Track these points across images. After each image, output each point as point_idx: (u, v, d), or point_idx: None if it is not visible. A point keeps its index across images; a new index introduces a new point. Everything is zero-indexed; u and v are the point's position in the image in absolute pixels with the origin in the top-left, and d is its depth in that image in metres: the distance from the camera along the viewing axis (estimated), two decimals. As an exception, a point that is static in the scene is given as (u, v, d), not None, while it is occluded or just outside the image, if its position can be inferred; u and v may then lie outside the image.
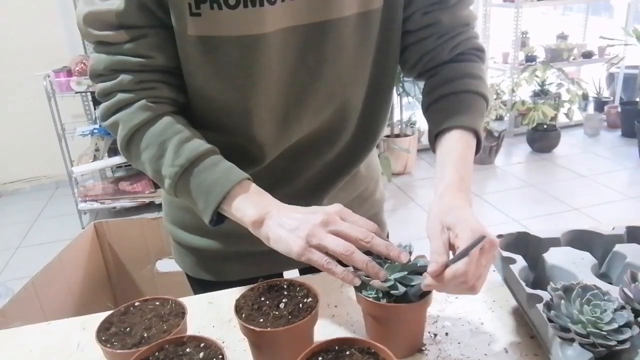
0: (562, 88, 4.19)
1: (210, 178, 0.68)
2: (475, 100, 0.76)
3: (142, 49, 0.68)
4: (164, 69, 0.71)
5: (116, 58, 0.68)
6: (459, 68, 0.78)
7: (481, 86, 0.78)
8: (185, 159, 0.68)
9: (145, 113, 0.69)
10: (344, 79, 0.77)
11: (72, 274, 1.35)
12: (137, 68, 0.68)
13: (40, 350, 0.73)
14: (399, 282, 0.62)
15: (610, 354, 0.56)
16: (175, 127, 0.70)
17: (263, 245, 0.66)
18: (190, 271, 0.94)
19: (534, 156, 4.04)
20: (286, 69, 0.72)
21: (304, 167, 0.84)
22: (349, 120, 0.82)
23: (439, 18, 0.76)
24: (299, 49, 0.71)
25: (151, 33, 0.68)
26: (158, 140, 0.69)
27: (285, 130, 0.77)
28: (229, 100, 0.73)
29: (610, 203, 3.16)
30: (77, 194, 3.18)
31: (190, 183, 0.68)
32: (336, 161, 0.85)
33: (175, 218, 0.91)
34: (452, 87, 0.77)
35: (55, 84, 3.01)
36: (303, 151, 0.82)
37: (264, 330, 0.59)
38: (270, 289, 0.67)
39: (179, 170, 0.68)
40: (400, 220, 3.00)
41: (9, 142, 3.71)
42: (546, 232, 0.78)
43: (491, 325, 0.71)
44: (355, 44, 0.74)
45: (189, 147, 0.69)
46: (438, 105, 0.78)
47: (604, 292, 0.60)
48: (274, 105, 0.74)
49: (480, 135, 0.75)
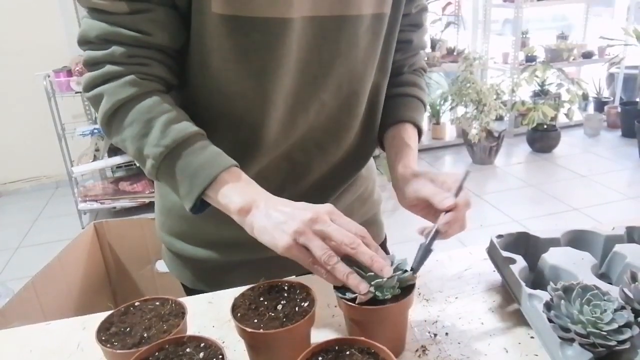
0: (562, 88, 4.19)
1: (197, 161, 0.65)
2: (420, 106, 0.91)
3: (141, 24, 0.64)
4: (160, 47, 0.68)
5: (111, 28, 0.64)
6: (413, 78, 0.92)
7: (424, 96, 0.92)
8: (172, 140, 0.65)
9: (133, 88, 0.66)
10: (353, 76, 0.78)
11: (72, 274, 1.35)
12: (132, 42, 0.65)
13: (40, 350, 0.73)
14: (378, 291, 0.60)
15: (610, 354, 0.56)
16: (163, 106, 0.67)
17: (264, 252, 0.63)
18: (188, 283, 0.91)
19: (534, 156, 4.04)
20: (301, 59, 0.72)
21: (311, 167, 0.83)
22: (354, 118, 0.83)
23: (411, 38, 0.88)
24: (316, 40, 0.72)
25: (156, 9, 0.64)
26: (144, 117, 0.65)
27: (292, 122, 0.77)
28: (243, 84, 0.71)
29: (610, 203, 3.16)
30: (77, 194, 3.18)
31: (175, 165, 0.65)
32: (343, 161, 0.86)
33: (173, 228, 0.88)
34: (407, 90, 0.90)
35: (55, 84, 3.01)
36: (309, 150, 0.82)
37: (254, 331, 0.59)
38: (271, 290, 0.67)
39: (164, 151, 0.65)
40: (400, 221, 2.98)
41: (9, 142, 3.71)
42: (546, 232, 0.78)
43: (491, 326, 0.70)
44: (367, 43, 0.77)
45: (177, 127, 0.66)
46: (396, 101, 0.89)
47: (604, 292, 0.60)
48: (285, 93, 0.73)
49: (422, 130, 0.88)
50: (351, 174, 0.89)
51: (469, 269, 0.84)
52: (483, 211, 3.16)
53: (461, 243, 2.75)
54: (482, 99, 3.69)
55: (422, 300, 0.77)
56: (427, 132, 4.41)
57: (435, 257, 0.87)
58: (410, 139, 0.84)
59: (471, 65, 3.74)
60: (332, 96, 0.78)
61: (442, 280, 0.81)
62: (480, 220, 3.04)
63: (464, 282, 0.81)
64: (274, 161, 0.80)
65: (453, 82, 3.92)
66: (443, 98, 4.12)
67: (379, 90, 0.85)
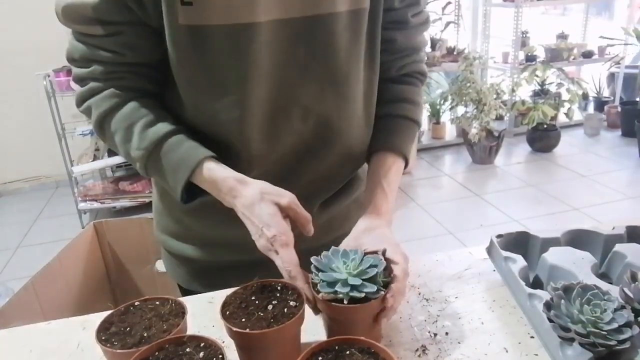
0: (562, 88, 4.19)
1: (176, 157, 0.70)
2: (410, 127, 0.85)
3: (114, 46, 0.70)
4: (135, 64, 0.73)
5: (90, 49, 0.70)
6: (400, 90, 0.85)
7: (416, 112, 0.85)
8: (149, 142, 0.71)
9: (113, 100, 0.72)
10: (336, 78, 0.75)
11: (71, 273, 1.35)
12: (108, 61, 0.71)
13: (40, 350, 0.73)
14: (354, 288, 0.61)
15: (610, 354, 0.56)
16: (140, 112, 0.72)
17: (257, 253, 0.66)
18: (183, 283, 0.92)
19: (534, 156, 4.04)
20: (276, 63, 0.71)
21: (302, 172, 0.82)
22: (345, 121, 0.79)
23: (395, 37, 0.81)
24: (289, 43, 0.70)
25: (127, 30, 0.69)
26: (124, 124, 0.72)
27: (274, 130, 0.75)
28: (219, 93, 0.71)
29: (610, 203, 3.16)
30: (77, 193, 3.18)
31: (158, 163, 0.71)
32: (336, 165, 0.83)
33: (168, 227, 0.90)
34: (390, 109, 0.84)
35: (55, 84, 3.01)
36: (301, 156, 0.80)
37: (240, 331, 0.59)
38: (263, 289, 0.67)
39: (145, 153, 0.71)
40: (400, 220, 3.00)
41: (9, 142, 3.71)
42: (546, 232, 0.78)
43: (491, 325, 0.71)
44: (347, 42, 0.74)
45: (153, 130, 0.71)
46: (377, 125, 0.84)
47: (604, 292, 0.60)
48: (264, 99, 0.72)
49: (408, 159, 0.83)
50: (346, 176, 0.87)
51: (469, 269, 0.84)
52: (483, 211, 3.16)
53: (461, 243, 2.75)
54: (482, 98, 3.69)
55: (422, 300, 0.77)
56: (427, 132, 4.42)
57: (436, 257, 0.87)
58: (385, 176, 0.79)
59: (471, 65, 3.74)
60: (315, 100, 0.76)
61: (442, 280, 0.81)
62: (480, 220, 3.04)
63: (464, 282, 0.81)
64: (264, 168, 0.78)
65: (453, 81, 3.92)
66: (443, 98, 4.12)
67: (372, 89, 0.81)
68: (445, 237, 2.82)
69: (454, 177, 3.75)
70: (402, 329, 0.71)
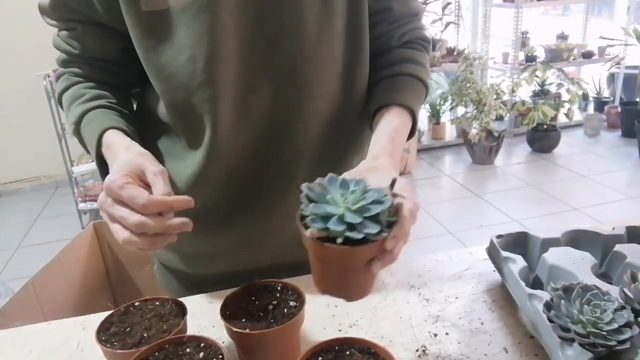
0: (562, 88, 4.19)
1: (88, 131, 0.74)
2: (415, 84, 0.79)
3: (69, 41, 0.78)
4: (90, 57, 0.79)
5: (56, 40, 0.81)
6: (405, 53, 0.81)
7: (423, 72, 0.80)
8: (75, 117, 0.76)
9: (63, 83, 0.81)
10: (307, 56, 0.71)
11: (71, 273, 1.35)
12: (66, 52, 0.80)
13: (40, 350, 0.73)
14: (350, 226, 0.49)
15: (610, 354, 0.56)
16: (79, 92, 0.78)
17: (243, 264, 0.66)
18: (178, 296, 0.91)
19: (534, 156, 4.04)
20: (243, 38, 0.69)
21: (276, 153, 0.77)
22: (323, 102, 0.75)
23: (390, 5, 0.78)
24: (255, 16, 0.68)
25: (79, 27, 0.77)
26: (67, 103, 0.79)
27: (245, 108, 0.72)
28: (189, 76, 0.70)
29: (610, 203, 3.16)
30: (77, 193, 3.18)
31: (82, 140, 0.77)
32: (315, 148, 0.78)
33: None
34: (395, 69, 0.79)
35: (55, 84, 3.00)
36: (272, 137, 0.75)
37: (241, 331, 0.59)
38: (264, 290, 0.67)
39: (75, 127, 0.77)
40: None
41: (9, 142, 3.71)
42: (546, 232, 0.78)
43: (491, 325, 0.71)
44: (317, 15, 0.70)
45: (82, 107, 0.76)
46: (380, 85, 0.79)
47: (604, 292, 0.60)
48: (234, 77, 0.70)
49: (416, 117, 0.76)
50: (328, 158, 0.80)
51: (469, 269, 0.84)
52: (483, 211, 3.16)
53: (461, 243, 2.75)
54: (482, 99, 3.69)
55: (422, 300, 0.77)
56: (427, 132, 4.42)
57: (436, 257, 0.87)
58: (389, 124, 0.72)
59: (471, 65, 3.74)
60: (287, 79, 0.72)
61: (442, 280, 0.81)
62: (480, 220, 3.04)
63: (464, 282, 0.81)
64: (236, 151, 0.75)
65: (453, 82, 3.92)
66: (443, 98, 4.12)
67: (355, 72, 0.77)
68: (445, 237, 2.82)
69: (454, 178, 3.75)
70: (402, 329, 0.71)
